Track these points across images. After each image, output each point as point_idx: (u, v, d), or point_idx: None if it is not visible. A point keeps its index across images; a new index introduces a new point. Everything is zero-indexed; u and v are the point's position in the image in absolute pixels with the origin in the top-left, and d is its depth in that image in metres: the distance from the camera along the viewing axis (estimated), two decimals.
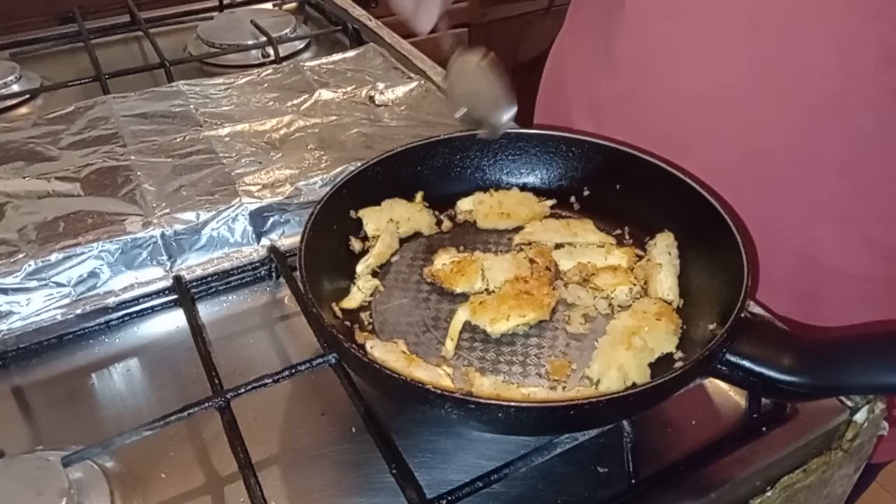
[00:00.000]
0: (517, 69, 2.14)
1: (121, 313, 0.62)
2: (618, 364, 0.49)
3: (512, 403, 0.41)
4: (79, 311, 0.61)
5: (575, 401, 0.41)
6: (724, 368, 0.46)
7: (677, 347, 0.52)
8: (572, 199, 0.67)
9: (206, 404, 0.50)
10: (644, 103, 0.70)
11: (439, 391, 0.41)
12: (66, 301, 0.61)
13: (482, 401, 0.41)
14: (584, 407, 0.40)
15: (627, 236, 0.63)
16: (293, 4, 1.19)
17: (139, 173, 0.70)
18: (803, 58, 0.59)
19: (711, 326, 0.51)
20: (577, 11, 0.83)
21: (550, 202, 0.66)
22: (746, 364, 0.45)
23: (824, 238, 0.65)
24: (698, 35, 0.64)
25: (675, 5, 0.65)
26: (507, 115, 0.62)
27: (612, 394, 0.42)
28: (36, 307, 0.60)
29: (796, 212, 0.65)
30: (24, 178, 0.70)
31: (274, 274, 0.66)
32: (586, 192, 0.66)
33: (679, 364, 0.50)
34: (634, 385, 0.49)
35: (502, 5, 2.07)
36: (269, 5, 1.18)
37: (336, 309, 0.56)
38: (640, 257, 0.61)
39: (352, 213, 0.62)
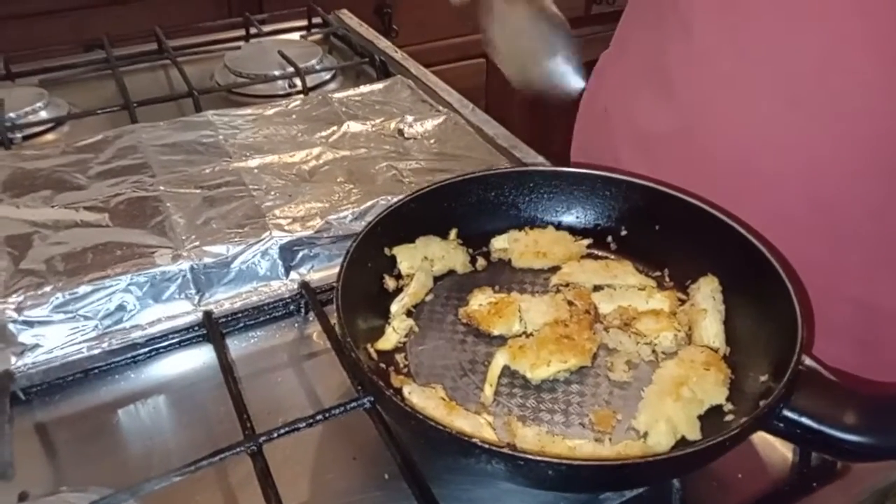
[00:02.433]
0: (537, 101, 2.15)
1: (148, 349, 0.61)
2: (666, 416, 0.47)
3: (564, 461, 0.39)
4: (105, 346, 0.59)
5: (630, 460, 0.39)
6: (780, 424, 0.44)
7: (726, 399, 0.50)
8: (609, 238, 0.65)
9: (238, 449, 0.48)
10: (705, 143, 0.68)
11: (487, 446, 0.40)
12: (93, 335, 0.60)
13: (533, 458, 0.39)
14: (640, 466, 0.39)
15: (667, 279, 0.62)
16: (319, 36, 1.19)
17: (168, 204, 0.69)
18: (881, 108, 0.58)
19: (763, 378, 0.49)
20: (624, 41, 0.82)
21: (587, 242, 0.65)
22: (805, 421, 0.43)
23: (888, 287, 0.63)
24: (772, 77, 0.62)
25: (747, 45, 0.63)
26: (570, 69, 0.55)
27: (668, 453, 0.41)
28: (62, 341, 0.59)
29: (860, 260, 0.64)
30: (53, 207, 0.69)
31: (303, 310, 0.65)
32: (624, 233, 0.65)
33: (730, 417, 0.49)
34: (684, 438, 0.47)
35: None
36: (295, 36, 1.18)
37: (371, 350, 0.54)
38: (682, 301, 0.59)
39: (386, 251, 0.61)
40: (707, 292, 0.56)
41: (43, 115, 0.93)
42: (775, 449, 0.53)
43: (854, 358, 0.65)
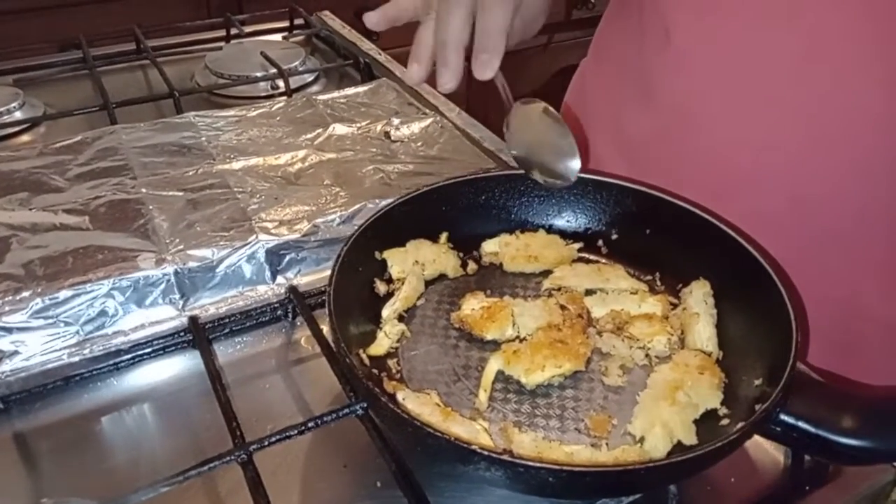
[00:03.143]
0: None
1: (131, 355, 0.59)
2: (662, 421, 0.47)
3: (565, 468, 0.38)
4: (86, 352, 0.58)
5: (632, 466, 0.38)
6: (777, 429, 0.44)
7: (721, 403, 0.50)
8: (600, 242, 0.65)
9: (228, 458, 0.47)
10: (685, 146, 0.69)
11: (486, 453, 0.39)
12: (74, 341, 0.58)
13: (534, 465, 0.38)
14: (642, 472, 0.38)
15: (659, 283, 0.62)
16: (301, 37, 1.18)
17: (151, 207, 0.67)
18: (859, 105, 0.58)
19: (757, 382, 0.49)
20: (603, 48, 0.82)
21: (578, 245, 0.65)
22: (802, 425, 0.43)
23: (868, 287, 0.64)
24: (750, 77, 0.62)
25: (725, 47, 0.64)
26: (574, 164, 0.59)
27: (670, 459, 0.40)
28: (41, 347, 0.57)
29: (840, 260, 0.64)
30: (30, 209, 0.67)
31: (291, 314, 0.64)
32: (615, 236, 0.65)
33: (725, 421, 0.48)
34: (680, 443, 0.47)
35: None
36: (277, 37, 1.16)
37: (363, 356, 0.53)
38: (674, 305, 0.59)
39: (376, 255, 0.60)
40: (699, 296, 0.56)
41: (18, 115, 0.91)
42: (767, 452, 0.53)
43: (835, 359, 0.65)
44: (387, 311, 0.57)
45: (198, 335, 0.59)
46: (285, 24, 1.19)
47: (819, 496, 0.51)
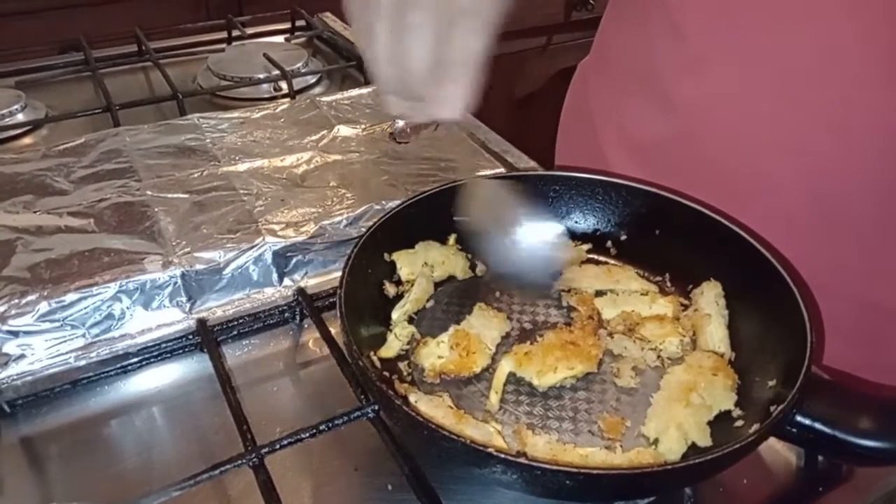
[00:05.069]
0: (515, 105, 2.15)
1: (138, 358, 0.59)
2: (676, 423, 0.47)
3: (583, 471, 0.38)
4: (94, 355, 0.57)
5: (651, 468, 0.38)
6: (793, 430, 0.44)
7: (734, 404, 0.50)
8: (609, 243, 0.65)
9: (240, 462, 0.47)
10: (703, 148, 0.68)
11: (503, 456, 0.39)
12: (80, 344, 0.58)
13: (551, 467, 0.38)
14: (660, 474, 0.38)
15: (669, 284, 0.62)
16: (303, 39, 1.17)
17: (157, 209, 0.67)
18: (880, 105, 0.58)
19: (771, 383, 0.49)
20: (606, 48, 0.82)
21: (586, 247, 0.64)
22: (818, 426, 0.43)
23: (888, 285, 0.64)
24: (769, 79, 0.62)
25: (743, 48, 0.63)
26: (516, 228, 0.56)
27: (689, 461, 0.40)
28: (48, 351, 0.56)
29: (861, 257, 0.64)
30: (35, 212, 0.66)
31: (299, 317, 0.63)
32: (623, 238, 0.64)
33: (740, 423, 0.48)
34: (694, 445, 0.47)
35: (500, 42, 2.08)
36: (279, 39, 1.16)
37: (374, 358, 0.53)
38: (685, 306, 0.59)
39: (385, 257, 0.60)
40: (710, 297, 0.56)
41: (20, 117, 0.90)
42: (780, 454, 0.53)
43: (855, 357, 0.65)
44: (396, 314, 0.57)
45: (206, 338, 0.58)
46: (287, 25, 1.19)
47: (832, 497, 0.50)
